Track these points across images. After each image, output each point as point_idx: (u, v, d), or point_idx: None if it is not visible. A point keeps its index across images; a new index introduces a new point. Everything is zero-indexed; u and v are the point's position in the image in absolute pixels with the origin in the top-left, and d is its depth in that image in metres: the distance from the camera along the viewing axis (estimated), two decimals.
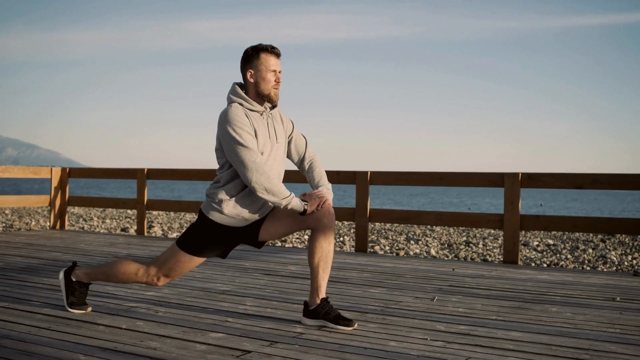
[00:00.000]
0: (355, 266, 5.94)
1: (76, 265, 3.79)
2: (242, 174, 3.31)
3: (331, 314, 3.47)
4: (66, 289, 3.75)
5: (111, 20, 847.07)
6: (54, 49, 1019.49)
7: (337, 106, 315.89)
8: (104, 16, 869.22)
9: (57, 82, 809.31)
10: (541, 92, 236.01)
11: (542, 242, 14.01)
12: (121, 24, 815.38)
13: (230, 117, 3.34)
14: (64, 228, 9.47)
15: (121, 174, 9.27)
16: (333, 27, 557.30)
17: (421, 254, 11.44)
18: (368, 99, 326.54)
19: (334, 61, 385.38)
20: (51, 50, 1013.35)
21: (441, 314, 3.91)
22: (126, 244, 7.55)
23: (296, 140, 3.66)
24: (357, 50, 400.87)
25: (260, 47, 3.44)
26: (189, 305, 4.04)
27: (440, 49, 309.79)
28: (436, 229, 17.10)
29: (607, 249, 13.10)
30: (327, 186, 3.61)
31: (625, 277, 5.55)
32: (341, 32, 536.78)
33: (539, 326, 3.60)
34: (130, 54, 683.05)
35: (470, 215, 7.00)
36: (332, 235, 3.47)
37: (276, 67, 3.44)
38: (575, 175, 6.26)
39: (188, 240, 3.50)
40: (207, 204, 3.48)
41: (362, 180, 7.16)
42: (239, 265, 5.80)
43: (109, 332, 3.33)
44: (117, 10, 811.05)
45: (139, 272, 3.58)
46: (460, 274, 5.55)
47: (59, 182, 9.45)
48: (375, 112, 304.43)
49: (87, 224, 16.82)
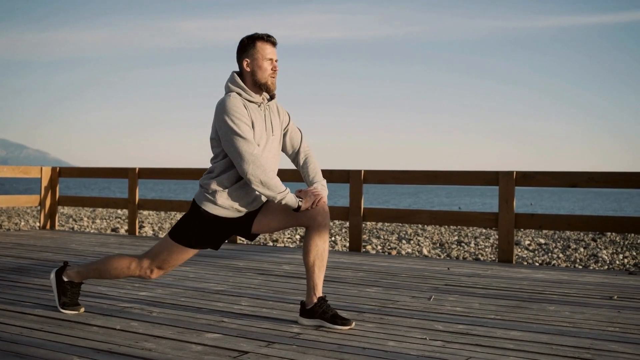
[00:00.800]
0: (349, 265, 5.89)
1: (67, 265, 3.73)
2: (238, 165, 3.26)
3: (328, 313, 3.43)
4: (58, 289, 3.68)
5: (104, 20, 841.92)
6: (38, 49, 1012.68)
7: (330, 105, 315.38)
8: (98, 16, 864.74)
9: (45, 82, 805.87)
10: (540, 91, 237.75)
11: (533, 241, 14.01)
12: (113, 24, 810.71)
13: (228, 107, 3.29)
14: (54, 228, 9.38)
15: (112, 173, 9.18)
16: (324, 27, 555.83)
17: (413, 253, 11.42)
18: (361, 98, 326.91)
19: (325, 61, 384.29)
20: (36, 50, 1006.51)
21: (439, 313, 3.87)
22: (118, 244, 7.48)
23: (291, 133, 3.60)
24: (349, 50, 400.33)
25: (256, 36, 3.39)
26: (183, 305, 3.98)
27: (436, 48, 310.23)
28: (428, 228, 17.08)
29: (598, 248, 13.12)
30: (322, 182, 3.56)
31: (620, 276, 5.53)
32: (332, 32, 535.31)
33: (538, 325, 3.57)
34: (123, 54, 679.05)
35: (464, 214, 6.97)
36: (326, 233, 3.42)
37: (272, 56, 3.40)
38: (571, 173, 6.24)
39: (181, 231, 3.44)
40: (201, 194, 3.42)
41: (356, 179, 7.12)
42: (232, 265, 5.74)
43: (103, 333, 3.27)
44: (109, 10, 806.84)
45: (131, 265, 3.52)
46: (455, 273, 5.51)
47: (49, 181, 9.35)
48: (369, 111, 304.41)
49: (77, 224, 16.70)
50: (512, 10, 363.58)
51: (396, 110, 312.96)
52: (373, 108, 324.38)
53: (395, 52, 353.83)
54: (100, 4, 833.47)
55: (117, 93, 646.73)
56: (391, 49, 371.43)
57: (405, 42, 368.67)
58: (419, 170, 6.95)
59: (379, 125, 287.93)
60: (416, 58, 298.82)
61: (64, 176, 9.54)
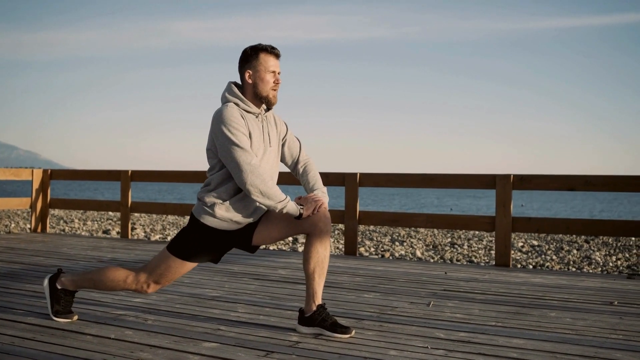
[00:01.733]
0: (346, 270, 5.83)
1: (61, 272, 3.64)
2: (237, 176, 3.19)
3: (327, 322, 3.36)
4: (51, 297, 3.60)
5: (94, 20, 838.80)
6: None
7: (324, 107, 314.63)
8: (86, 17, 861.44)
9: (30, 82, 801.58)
10: (540, 92, 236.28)
11: (526, 243, 14.00)
12: (102, 25, 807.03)
13: (226, 117, 3.22)
14: (46, 231, 9.27)
15: (105, 176, 9.08)
16: (317, 28, 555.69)
17: (407, 255, 11.37)
18: (357, 99, 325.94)
19: (318, 62, 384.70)
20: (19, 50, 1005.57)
21: (439, 320, 3.81)
22: (110, 248, 7.39)
23: (290, 143, 3.54)
24: (342, 51, 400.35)
25: (259, 47, 3.31)
26: (178, 312, 3.91)
27: (435, 49, 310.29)
28: (421, 230, 17.05)
29: (591, 250, 13.12)
30: (322, 190, 3.49)
31: (619, 280, 5.49)
32: (325, 33, 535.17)
33: (540, 332, 3.52)
34: (114, 55, 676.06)
35: (461, 217, 6.91)
36: (328, 240, 3.36)
37: (275, 68, 3.32)
38: (568, 177, 6.20)
39: (179, 244, 3.37)
40: (199, 207, 3.35)
41: (352, 182, 7.06)
42: (227, 270, 5.67)
43: (97, 342, 3.19)
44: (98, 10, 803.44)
45: (128, 278, 3.44)
46: (453, 278, 5.46)
47: (40, 183, 9.24)
48: (365, 113, 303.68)
49: (67, 226, 16.57)
50: (512, 10, 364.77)
51: (396, 111, 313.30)
52: (370, 110, 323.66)
53: (395, 52, 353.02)
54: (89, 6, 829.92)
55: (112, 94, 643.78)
56: (391, 49, 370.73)
57: (405, 43, 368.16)
58: (415, 174, 6.89)
59: (379, 127, 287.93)
60: (416, 58, 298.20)
61: (55, 178, 9.43)
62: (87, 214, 22.48)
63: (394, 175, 7.04)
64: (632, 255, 12.30)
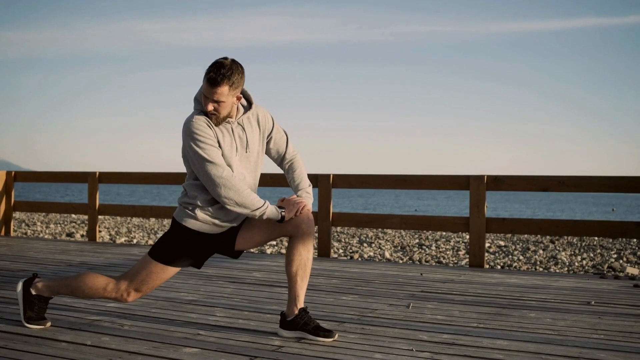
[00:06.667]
0: (321, 272, 5.78)
1: (36, 277, 3.52)
2: (211, 190, 3.13)
3: (310, 325, 3.31)
4: (24, 302, 3.47)
5: (54, 20, 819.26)
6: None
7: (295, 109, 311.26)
8: (47, 16, 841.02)
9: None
10: (540, 93, 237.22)
11: (493, 244, 14.12)
12: (63, 24, 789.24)
13: (192, 130, 3.13)
14: (10, 235, 9.03)
15: (71, 177, 8.88)
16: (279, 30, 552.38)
17: (375, 257, 11.37)
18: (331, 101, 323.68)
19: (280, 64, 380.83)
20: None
21: (420, 322, 3.78)
22: (79, 251, 7.22)
23: (276, 139, 3.45)
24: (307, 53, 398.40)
25: (208, 68, 3.13)
26: (155, 317, 3.81)
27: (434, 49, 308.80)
28: (388, 231, 17.08)
29: (556, 250, 13.28)
30: (307, 190, 3.43)
31: (592, 280, 5.54)
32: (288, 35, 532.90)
33: (522, 333, 3.51)
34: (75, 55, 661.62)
35: (436, 218, 6.89)
36: (311, 242, 3.30)
37: (208, 95, 3.12)
38: (542, 177, 6.24)
39: (161, 249, 3.28)
40: (181, 211, 3.27)
41: (325, 183, 7.01)
42: (201, 273, 5.57)
43: (73, 349, 3.09)
44: (58, 10, 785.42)
45: (108, 286, 3.33)
46: (429, 279, 5.44)
47: (3, 186, 9.00)
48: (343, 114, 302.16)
49: (30, 229, 16.21)
50: (512, 11, 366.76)
51: (395, 113, 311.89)
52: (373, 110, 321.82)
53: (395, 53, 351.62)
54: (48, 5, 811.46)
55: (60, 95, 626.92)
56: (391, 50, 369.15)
57: (406, 44, 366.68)
58: (388, 175, 6.87)
59: (379, 128, 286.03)
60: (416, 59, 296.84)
61: (19, 180, 9.20)
62: (49, 216, 22.04)
63: (367, 177, 7.01)
64: (596, 255, 12.49)
